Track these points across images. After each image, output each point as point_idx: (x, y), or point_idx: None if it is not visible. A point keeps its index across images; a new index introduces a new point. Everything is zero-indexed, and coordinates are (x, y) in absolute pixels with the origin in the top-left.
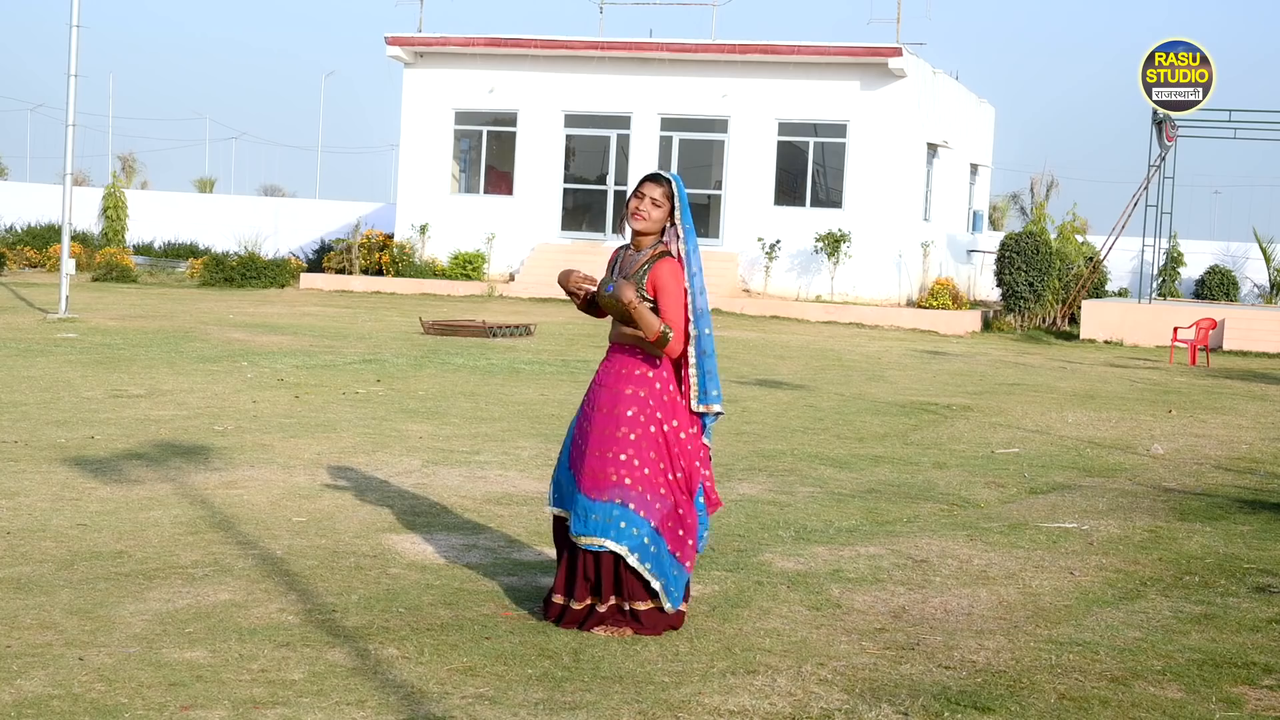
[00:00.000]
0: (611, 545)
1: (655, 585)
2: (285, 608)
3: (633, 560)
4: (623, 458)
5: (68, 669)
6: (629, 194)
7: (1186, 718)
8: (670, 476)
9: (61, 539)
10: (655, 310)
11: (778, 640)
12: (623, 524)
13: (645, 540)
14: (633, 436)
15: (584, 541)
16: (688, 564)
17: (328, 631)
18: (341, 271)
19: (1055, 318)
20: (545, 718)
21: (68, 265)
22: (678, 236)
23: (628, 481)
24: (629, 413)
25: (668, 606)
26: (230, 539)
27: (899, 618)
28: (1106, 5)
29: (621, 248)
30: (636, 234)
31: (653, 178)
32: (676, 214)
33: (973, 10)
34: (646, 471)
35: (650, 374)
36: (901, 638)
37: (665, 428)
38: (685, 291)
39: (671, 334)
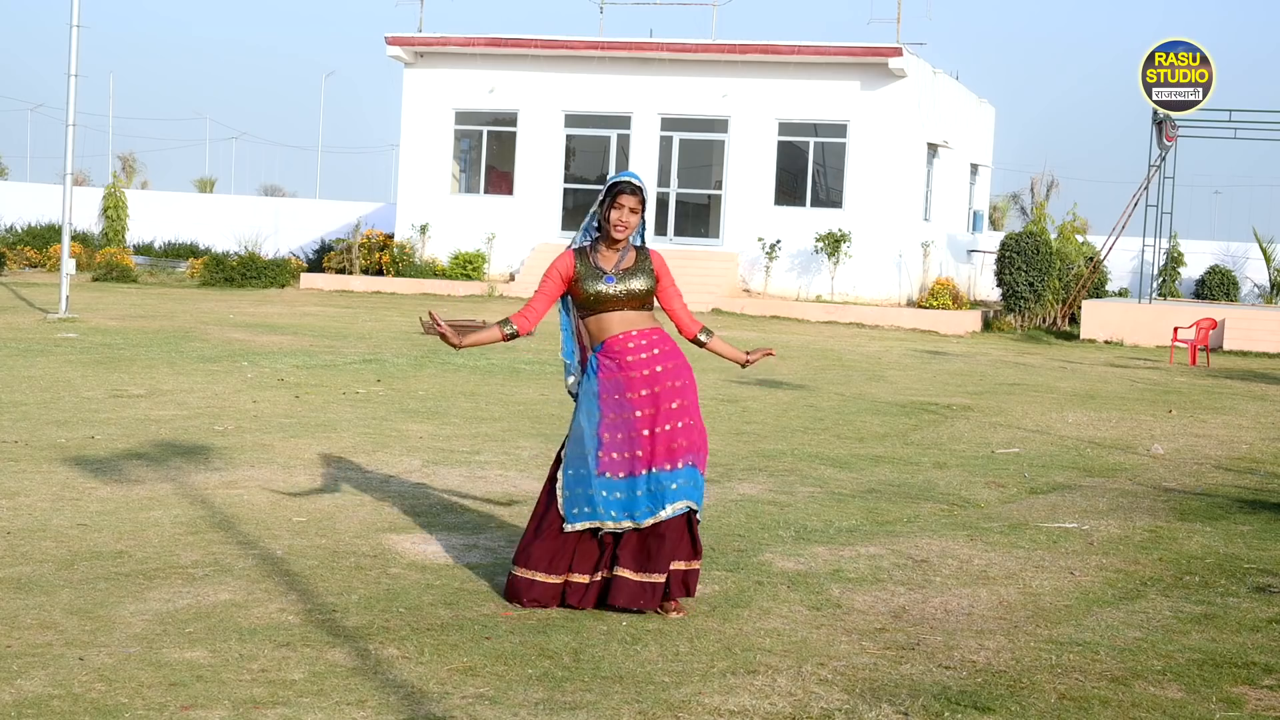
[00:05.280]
0: (688, 505)
1: (696, 525)
2: (285, 608)
3: (699, 513)
4: (691, 423)
5: (68, 669)
6: (604, 202)
7: (1186, 718)
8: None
9: (61, 539)
10: (652, 293)
11: (778, 640)
12: (692, 482)
13: (699, 484)
14: (687, 403)
15: (661, 516)
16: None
17: (328, 631)
18: (342, 271)
19: (1055, 318)
20: (545, 718)
21: (68, 265)
22: (644, 227)
23: (684, 443)
24: (685, 382)
25: (699, 514)
26: (230, 539)
27: (899, 618)
28: (1106, 5)
29: (580, 250)
30: (616, 242)
31: (627, 190)
32: (646, 213)
33: (973, 10)
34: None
35: (666, 334)
36: (901, 638)
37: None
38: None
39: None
